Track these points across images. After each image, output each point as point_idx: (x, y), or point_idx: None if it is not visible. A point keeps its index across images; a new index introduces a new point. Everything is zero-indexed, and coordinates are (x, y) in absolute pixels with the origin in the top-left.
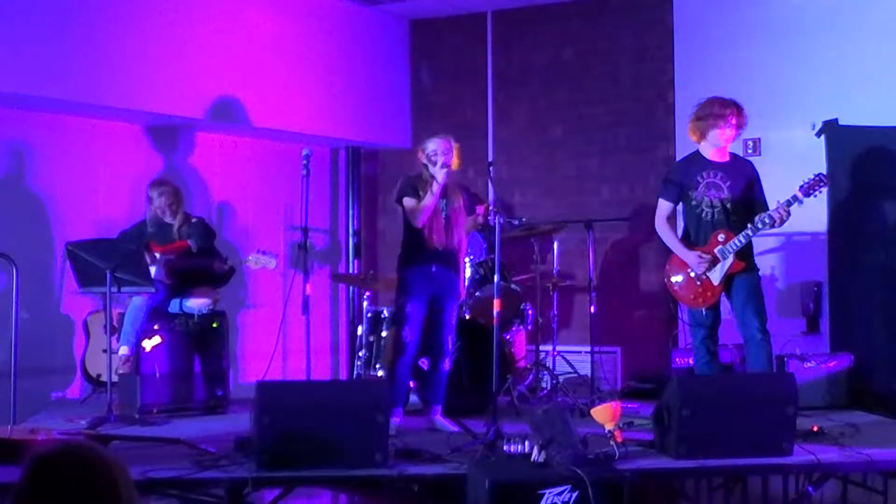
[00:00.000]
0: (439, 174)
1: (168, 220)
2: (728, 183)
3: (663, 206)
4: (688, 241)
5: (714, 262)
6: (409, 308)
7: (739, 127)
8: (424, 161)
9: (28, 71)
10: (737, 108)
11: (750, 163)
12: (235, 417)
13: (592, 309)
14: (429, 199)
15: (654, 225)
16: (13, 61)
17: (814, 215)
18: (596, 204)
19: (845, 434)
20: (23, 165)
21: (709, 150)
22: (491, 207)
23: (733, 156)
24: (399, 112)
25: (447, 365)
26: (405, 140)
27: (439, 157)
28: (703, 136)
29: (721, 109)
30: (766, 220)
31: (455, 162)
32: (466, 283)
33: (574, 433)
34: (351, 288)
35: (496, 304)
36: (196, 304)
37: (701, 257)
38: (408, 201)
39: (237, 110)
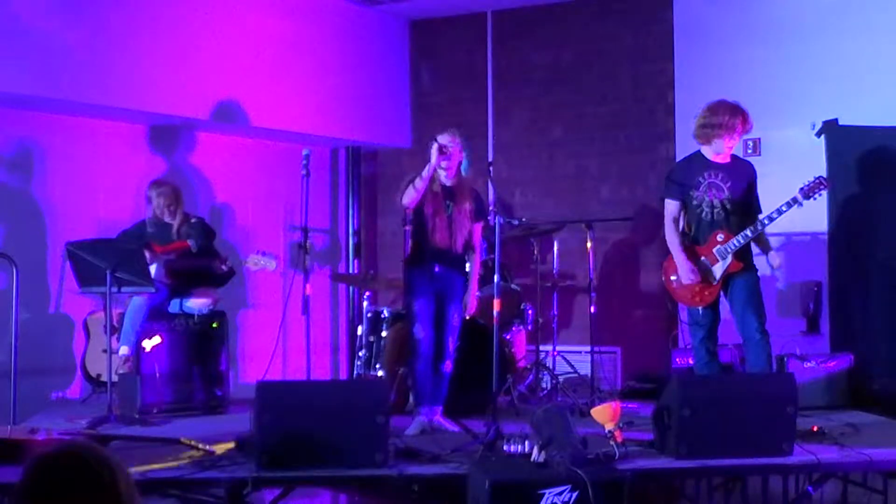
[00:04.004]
0: (433, 157)
1: (167, 220)
2: (728, 184)
3: (670, 205)
4: (687, 240)
5: (705, 278)
6: (417, 306)
7: (745, 134)
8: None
9: (30, 71)
10: (743, 116)
11: (750, 164)
12: (235, 417)
13: (592, 309)
14: (416, 188)
15: (664, 225)
16: (15, 61)
17: (814, 215)
18: (596, 204)
19: (845, 434)
20: (24, 165)
21: (711, 153)
22: (491, 207)
23: (734, 157)
24: (399, 112)
25: (448, 367)
26: (405, 140)
27: (442, 148)
28: (708, 141)
29: (730, 120)
30: (766, 222)
31: (458, 155)
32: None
33: (574, 433)
34: (351, 288)
35: (496, 304)
36: (196, 304)
37: (692, 272)
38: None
39: (238, 110)
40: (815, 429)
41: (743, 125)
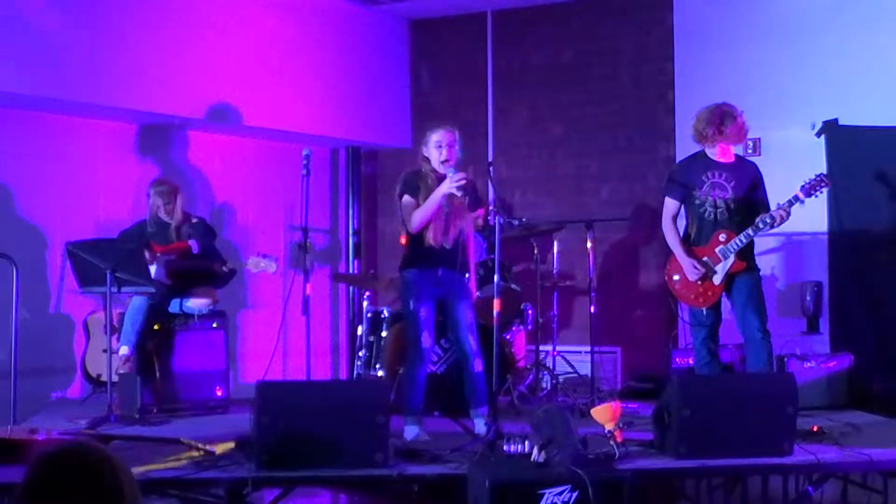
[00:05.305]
0: (443, 170)
1: (166, 219)
2: (732, 183)
3: (670, 204)
4: (689, 240)
5: (707, 275)
6: (423, 313)
7: (732, 137)
8: (426, 154)
9: (25, 70)
10: (718, 128)
11: (754, 164)
12: (235, 417)
13: (592, 309)
14: (431, 206)
15: (661, 224)
16: (9, 61)
17: (814, 215)
18: (596, 204)
19: (845, 434)
20: (21, 165)
21: (713, 153)
22: (491, 207)
23: (738, 157)
24: (399, 112)
25: (479, 365)
26: (405, 140)
27: (443, 150)
28: (699, 143)
29: (706, 129)
30: (767, 221)
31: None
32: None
33: (574, 433)
34: (351, 288)
35: (496, 304)
36: (196, 304)
37: (696, 267)
38: (407, 200)
39: (237, 110)
40: (815, 429)
41: (720, 135)
